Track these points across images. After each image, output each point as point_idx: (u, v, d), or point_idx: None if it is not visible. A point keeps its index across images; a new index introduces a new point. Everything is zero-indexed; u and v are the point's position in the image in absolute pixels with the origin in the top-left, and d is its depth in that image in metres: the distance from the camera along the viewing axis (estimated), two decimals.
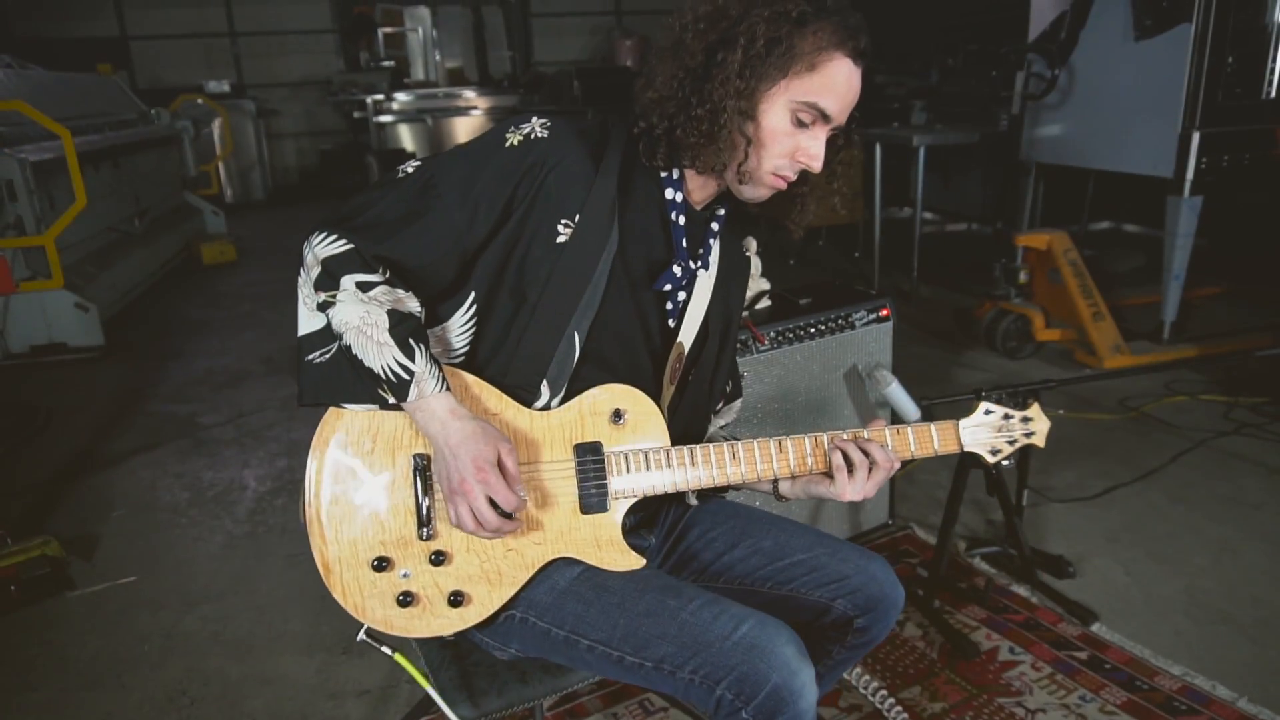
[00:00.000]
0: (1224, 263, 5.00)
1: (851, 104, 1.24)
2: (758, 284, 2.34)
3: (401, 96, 9.71)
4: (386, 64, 10.45)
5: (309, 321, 1.21)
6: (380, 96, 9.57)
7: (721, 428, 1.56)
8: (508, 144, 1.21)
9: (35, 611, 2.44)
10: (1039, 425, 1.36)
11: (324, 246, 1.15)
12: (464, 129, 9.75)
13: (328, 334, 1.19)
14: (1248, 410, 3.37)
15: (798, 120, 1.21)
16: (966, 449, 1.35)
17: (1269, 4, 3.56)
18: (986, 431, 1.35)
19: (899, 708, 1.91)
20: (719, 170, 1.24)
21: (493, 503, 1.13)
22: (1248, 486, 2.85)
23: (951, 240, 6.96)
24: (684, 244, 1.31)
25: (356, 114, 9.93)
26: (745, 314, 2.29)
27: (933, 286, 5.21)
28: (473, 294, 1.25)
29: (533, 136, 1.22)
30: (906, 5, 7.82)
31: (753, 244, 2.33)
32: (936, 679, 2.03)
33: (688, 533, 1.41)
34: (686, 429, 1.38)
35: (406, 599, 1.19)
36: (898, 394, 2.29)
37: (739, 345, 2.19)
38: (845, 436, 1.29)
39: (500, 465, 1.14)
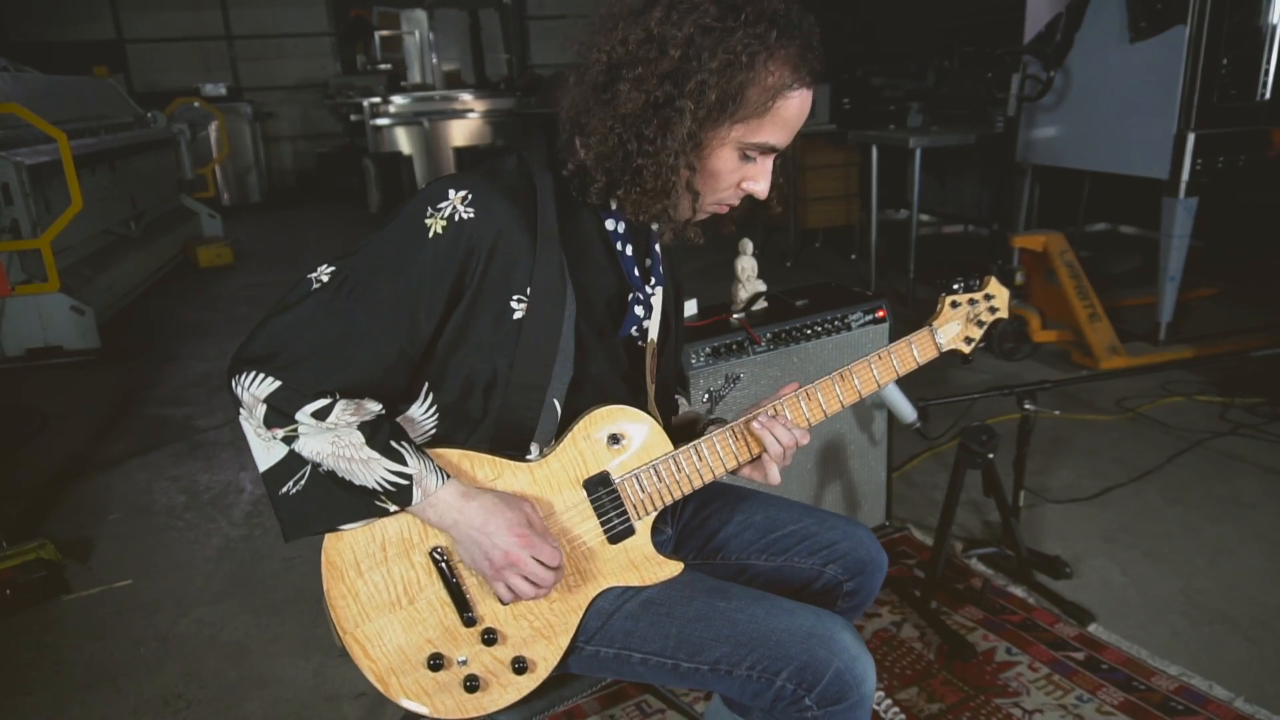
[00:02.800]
0: (1220, 264, 5.01)
1: (800, 126, 1.18)
2: (754, 285, 2.34)
3: (398, 99, 9.69)
4: (383, 67, 10.47)
5: (266, 454, 1.16)
6: (377, 99, 9.55)
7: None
8: (431, 233, 1.10)
9: (31, 615, 2.43)
10: (1000, 298, 1.33)
11: (258, 387, 1.07)
12: (461, 131, 9.74)
13: (293, 462, 1.15)
14: (1243, 411, 3.38)
15: (745, 156, 1.16)
16: (944, 350, 1.32)
17: (1264, 6, 3.58)
18: (956, 325, 1.32)
19: (896, 708, 1.91)
20: (661, 214, 1.19)
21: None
22: (1244, 487, 2.85)
23: (948, 242, 6.96)
24: (635, 273, 1.27)
25: (353, 117, 9.90)
26: (742, 315, 2.29)
27: (929, 288, 5.21)
28: (426, 384, 1.20)
29: (457, 219, 1.10)
30: (903, 7, 7.84)
31: (749, 245, 2.34)
32: (934, 680, 2.03)
33: (684, 510, 1.45)
34: (665, 410, 1.38)
35: (473, 683, 1.20)
36: (894, 395, 2.29)
37: (735, 347, 2.19)
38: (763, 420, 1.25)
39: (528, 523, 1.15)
